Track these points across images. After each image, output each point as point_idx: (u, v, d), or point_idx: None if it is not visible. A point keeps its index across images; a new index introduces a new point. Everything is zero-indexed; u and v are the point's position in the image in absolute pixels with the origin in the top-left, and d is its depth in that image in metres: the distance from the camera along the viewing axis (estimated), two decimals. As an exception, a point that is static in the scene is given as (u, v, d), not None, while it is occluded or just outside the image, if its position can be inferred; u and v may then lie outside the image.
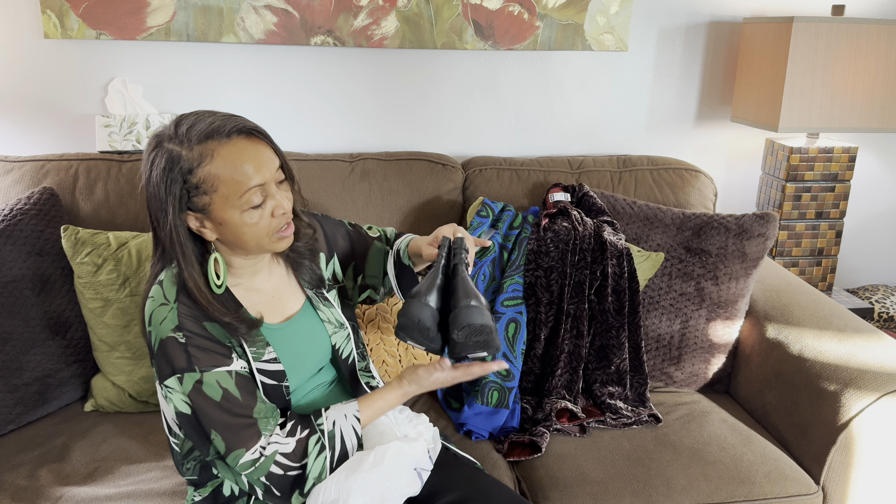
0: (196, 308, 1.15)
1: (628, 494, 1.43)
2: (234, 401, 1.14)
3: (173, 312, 1.14)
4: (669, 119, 2.30)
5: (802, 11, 2.24)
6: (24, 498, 1.36)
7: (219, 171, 1.10)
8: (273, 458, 1.14)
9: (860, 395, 1.48)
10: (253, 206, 1.12)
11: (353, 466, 1.16)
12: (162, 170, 1.09)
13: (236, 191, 1.11)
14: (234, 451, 1.13)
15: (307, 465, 1.15)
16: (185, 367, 1.12)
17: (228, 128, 1.11)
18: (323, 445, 1.17)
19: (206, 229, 1.15)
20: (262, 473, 1.14)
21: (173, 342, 1.12)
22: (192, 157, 1.09)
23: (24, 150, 2.02)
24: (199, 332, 1.14)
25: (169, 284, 1.16)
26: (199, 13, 1.97)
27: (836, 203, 2.23)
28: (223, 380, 1.14)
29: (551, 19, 2.12)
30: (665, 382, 1.83)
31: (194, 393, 1.12)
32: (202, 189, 1.10)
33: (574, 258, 1.75)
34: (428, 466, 1.22)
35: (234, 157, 1.10)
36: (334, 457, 1.17)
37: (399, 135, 2.19)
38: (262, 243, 1.17)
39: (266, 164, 1.13)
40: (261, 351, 1.20)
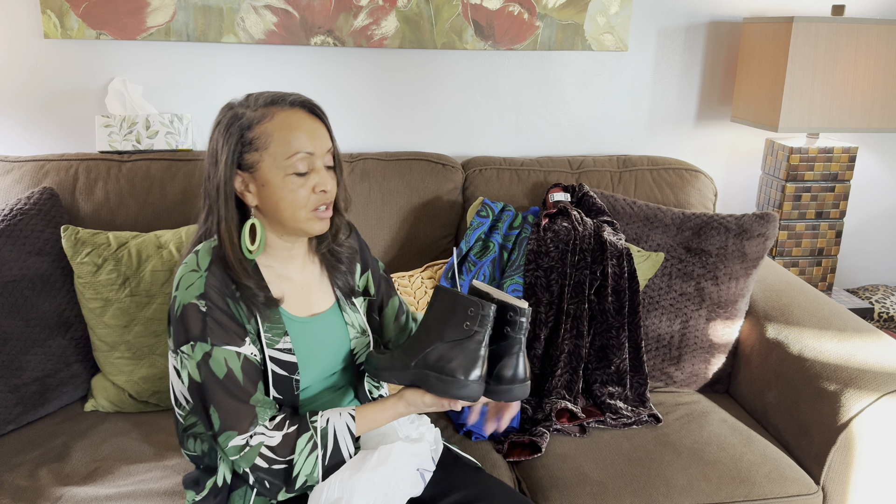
0: (224, 283, 1.16)
1: (628, 494, 1.43)
2: (235, 382, 1.14)
3: (201, 280, 1.15)
4: (669, 119, 2.30)
5: (802, 11, 2.24)
6: (24, 498, 1.36)
7: (273, 130, 1.15)
8: (258, 449, 1.13)
9: (860, 395, 1.48)
10: (297, 171, 1.16)
11: (356, 465, 1.16)
12: (224, 126, 1.16)
13: (285, 151, 1.15)
14: (226, 431, 1.13)
15: (294, 462, 1.14)
16: (199, 336, 1.13)
17: (292, 98, 1.19)
18: (315, 444, 1.15)
19: (250, 193, 1.18)
20: (248, 464, 1.14)
21: (194, 309, 1.14)
22: (254, 116, 1.16)
23: (24, 150, 2.02)
24: (222, 306, 1.15)
25: (204, 254, 1.18)
26: (199, 13, 1.97)
27: (836, 203, 2.23)
28: (230, 359, 1.14)
29: (551, 19, 2.12)
30: (665, 382, 1.83)
31: (202, 363, 1.13)
32: (255, 145, 1.15)
33: (574, 258, 1.75)
34: (430, 467, 1.22)
35: (290, 121, 1.16)
36: (326, 455, 1.15)
37: (399, 135, 2.19)
38: (297, 216, 1.18)
39: (318, 138, 1.18)
40: (276, 338, 1.20)
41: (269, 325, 1.20)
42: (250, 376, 1.16)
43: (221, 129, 1.17)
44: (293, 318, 1.25)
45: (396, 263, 1.95)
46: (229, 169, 1.15)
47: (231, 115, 1.17)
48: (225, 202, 1.16)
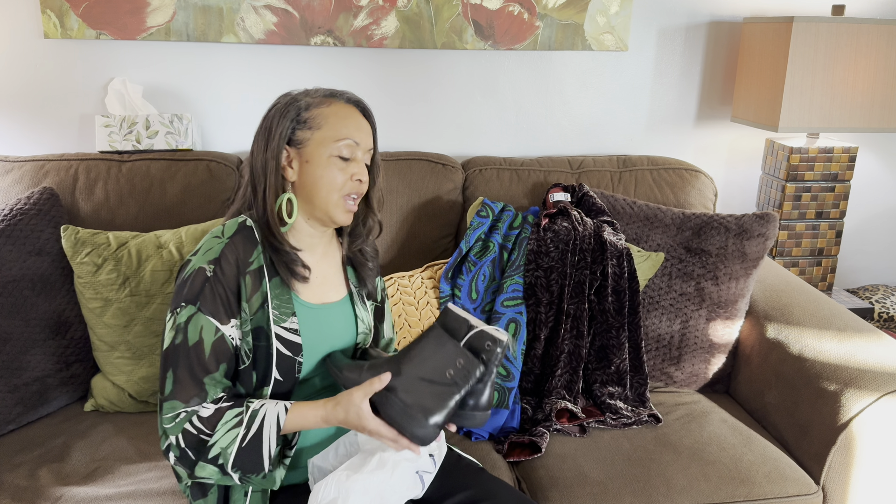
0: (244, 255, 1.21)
1: (628, 494, 1.43)
2: (200, 354, 1.16)
3: (220, 246, 1.20)
4: (669, 119, 2.30)
5: (802, 11, 2.24)
6: (24, 498, 1.36)
7: (330, 114, 1.24)
8: (189, 417, 1.14)
9: (860, 395, 1.48)
10: (341, 155, 1.23)
11: (355, 467, 1.16)
12: (283, 106, 1.25)
13: (334, 134, 1.23)
14: (172, 399, 1.15)
15: (216, 434, 1.14)
16: (191, 299, 1.17)
17: (349, 95, 1.29)
18: (241, 420, 1.15)
19: (291, 169, 1.24)
20: (178, 431, 1.14)
21: (202, 273, 1.18)
22: (312, 101, 1.26)
23: (24, 150, 2.02)
24: (228, 275, 1.19)
25: (231, 225, 1.24)
26: (199, 13, 1.97)
27: (836, 203, 2.23)
28: (207, 330, 1.17)
29: (551, 19, 2.12)
30: (665, 382, 1.83)
31: (184, 324, 1.16)
32: (308, 124, 1.24)
33: (574, 258, 1.75)
34: (431, 470, 1.22)
35: (345, 112, 1.26)
36: (248, 435, 1.14)
37: (399, 135, 2.19)
38: (330, 198, 1.23)
39: (365, 135, 1.27)
40: (284, 317, 1.23)
41: (278, 304, 1.23)
42: (217, 355, 1.18)
43: (279, 108, 1.25)
44: (303, 302, 1.27)
45: (396, 263, 1.95)
46: (281, 142, 1.23)
47: (290, 99, 1.26)
48: (274, 173, 1.23)
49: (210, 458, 1.14)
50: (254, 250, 1.23)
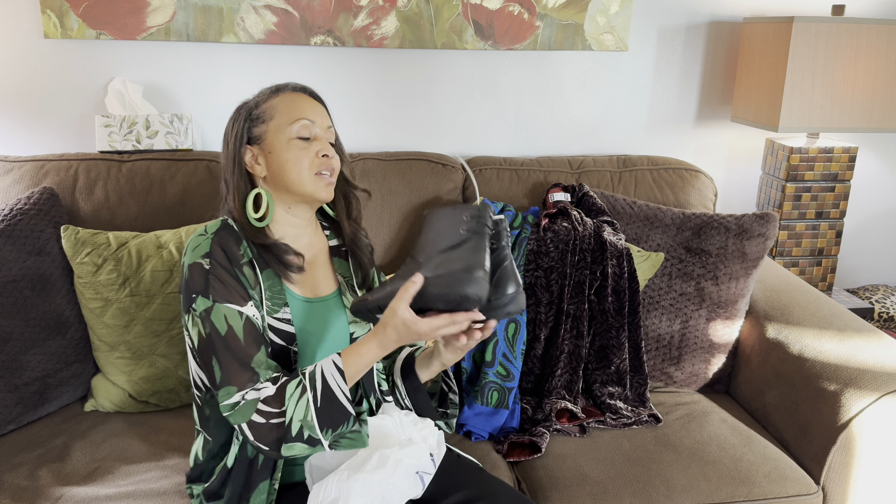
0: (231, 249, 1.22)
1: (628, 494, 1.43)
2: (236, 341, 1.16)
3: (207, 242, 1.21)
4: (669, 119, 2.30)
5: (802, 11, 2.24)
6: (24, 498, 1.36)
7: (279, 103, 1.27)
8: (254, 405, 1.12)
9: (860, 395, 1.48)
10: (300, 136, 1.25)
11: (355, 466, 1.16)
12: (235, 112, 1.30)
13: (289, 118, 1.25)
14: (226, 385, 1.14)
15: (287, 411, 1.12)
16: (201, 291, 1.17)
17: (294, 84, 1.31)
18: (304, 387, 1.13)
19: (258, 165, 1.27)
20: (243, 419, 1.12)
21: (199, 267, 1.18)
22: (261, 98, 1.29)
23: (24, 150, 2.02)
24: (225, 265, 1.20)
25: (212, 224, 1.26)
26: (199, 13, 1.97)
27: (836, 203, 2.23)
28: (231, 317, 1.17)
29: (551, 19, 2.12)
30: (665, 382, 1.83)
31: (205, 317, 1.16)
32: (262, 118, 1.27)
33: (574, 258, 1.75)
34: (430, 470, 1.22)
35: (293, 97, 1.29)
36: (317, 397, 1.12)
37: (399, 135, 2.19)
38: (302, 178, 1.24)
39: (319, 114, 1.29)
40: (276, 307, 1.23)
41: (271, 294, 1.23)
42: (253, 337, 1.18)
43: (232, 116, 1.30)
44: (295, 295, 1.27)
45: (396, 263, 1.95)
46: (239, 142, 1.26)
47: (241, 104, 1.31)
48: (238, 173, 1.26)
49: (295, 436, 1.11)
50: (240, 244, 1.24)
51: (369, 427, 1.24)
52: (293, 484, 1.27)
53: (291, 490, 1.25)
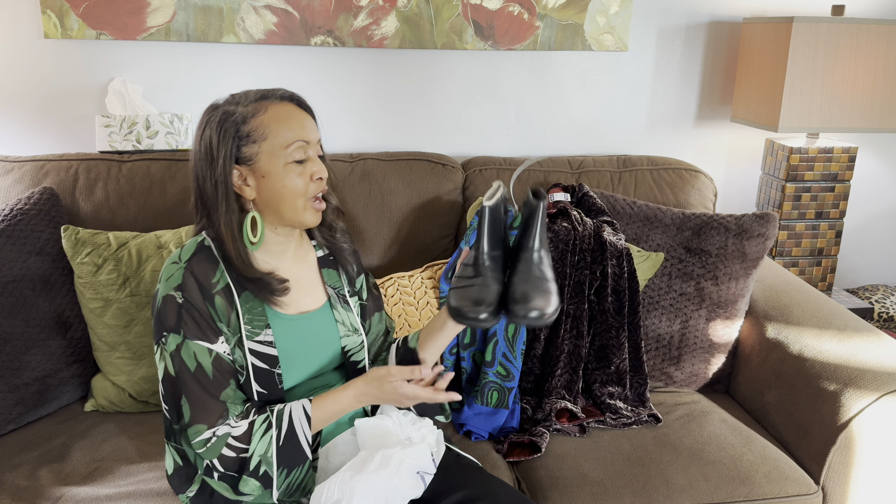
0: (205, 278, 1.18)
1: (628, 494, 1.43)
2: (205, 378, 1.16)
3: (180, 272, 1.18)
4: (669, 119, 2.30)
5: (802, 11, 2.24)
6: (24, 498, 1.36)
7: (270, 121, 1.18)
8: (225, 440, 1.15)
9: (860, 395, 1.48)
10: (296, 160, 1.19)
11: (357, 467, 1.15)
12: (217, 123, 1.18)
13: (284, 141, 1.18)
14: (195, 424, 1.15)
15: (252, 443, 1.15)
16: (173, 327, 1.16)
17: (281, 93, 1.22)
18: (270, 423, 1.16)
19: (248, 186, 1.20)
20: (214, 455, 1.14)
21: (172, 301, 1.16)
22: (247, 111, 1.19)
23: (24, 150, 2.02)
24: (196, 302, 1.17)
25: (188, 248, 1.21)
26: (199, 13, 1.97)
27: (836, 203, 2.23)
28: (200, 354, 1.16)
29: (551, 19, 2.12)
30: (665, 382, 1.83)
31: (175, 354, 1.15)
32: (252, 137, 1.18)
33: (574, 258, 1.75)
34: (431, 470, 1.22)
35: (285, 113, 1.20)
36: (281, 435, 1.15)
37: (399, 135, 2.19)
38: (297, 205, 1.20)
39: (311, 129, 1.22)
40: (257, 330, 1.21)
41: (250, 318, 1.21)
42: (222, 373, 1.17)
43: (213, 127, 1.18)
44: (279, 314, 1.25)
45: (396, 263, 1.95)
46: (228, 164, 1.17)
47: (221, 113, 1.18)
48: (225, 198, 1.18)
49: (252, 471, 1.14)
50: (216, 270, 1.20)
51: (369, 428, 1.24)
52: None
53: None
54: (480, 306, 1.15)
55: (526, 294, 1.16)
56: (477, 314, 1.15)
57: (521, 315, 1.15)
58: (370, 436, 1.23)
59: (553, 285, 1.20)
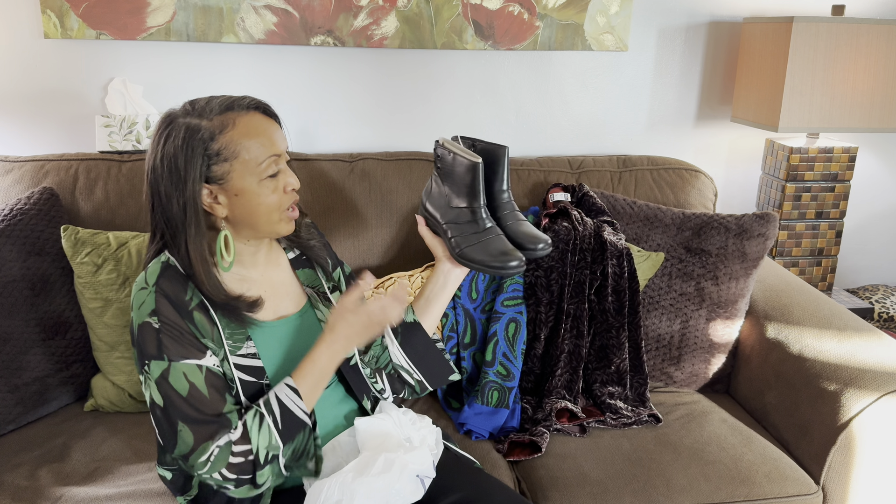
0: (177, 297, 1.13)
1: (628, 494, 1.43)
2: (200, 398, 1.10)
3: (151, 297, 1.12)
4: (669, 119, 2.30)
5: (802, 11, 2.24)
6: (24, 498, 1.36)
7: (240, 137, 1.13)
8: (229, 448, 1.09)
9: (860, 395, 1.48)
10: (270, 174, 1.15)
11: (360, 469, 1.15)
12: (181, 140, 1.11)
13: (257, 157, 1.13)
14: (202, 444, 1.08)
15: (252, 441, 1.10)
16: (155, 354, 1.10)
17: (247, 102, 1.16)
18: (261, 415, 1.11)
19: (219, 204, 1.15)
20: (222, 465, 1.08)
21: (148, 327, 1.11)
22: (213, 125, 1.12)
23: (24, 150, 2.02)
24: (175, 321, 1.12)
25: (153, 270, 1.16)
26: (199, 13, 1.97)
27: (836, 203, 2.23)
28: (191, 373, 1.11)
29: (551, 19, 2.12)
30: (665, 382, 1.83)
31: (161, 380, 1.10)
32: (223, 156, 1.12)
33: (574, 258, 1.75)
34: (431, 473, 1.22)
35: (254, 126, 1.14)
36: (276, 419, 1.11)
37: (399, 135, 2.19)
38: (272, 219, 1.18)
39: (281, 139, 1.18)
40: (238, 344, 1.17)
41: (230, 332, 1.17)
42: (217, 389, 1.13)
43: (177, 143, 1.11)
44: (258, 322, 1.22)
45: (396, 263, 1.95)
46: (198, 185, 1.12)
47: (185, 128, 1.12)
48: (195, 219, 1.13)
49: (263, 462, 1.11)
50: (186, 287, 1.15)
51: (369, 428, 1.24)
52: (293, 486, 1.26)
53: (285, 493, 1.24)
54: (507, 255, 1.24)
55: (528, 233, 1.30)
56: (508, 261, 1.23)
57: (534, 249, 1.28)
58: (370, 436, 1.23)
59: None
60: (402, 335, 1.35)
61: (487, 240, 1.27)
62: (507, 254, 1.24)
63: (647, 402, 1.72)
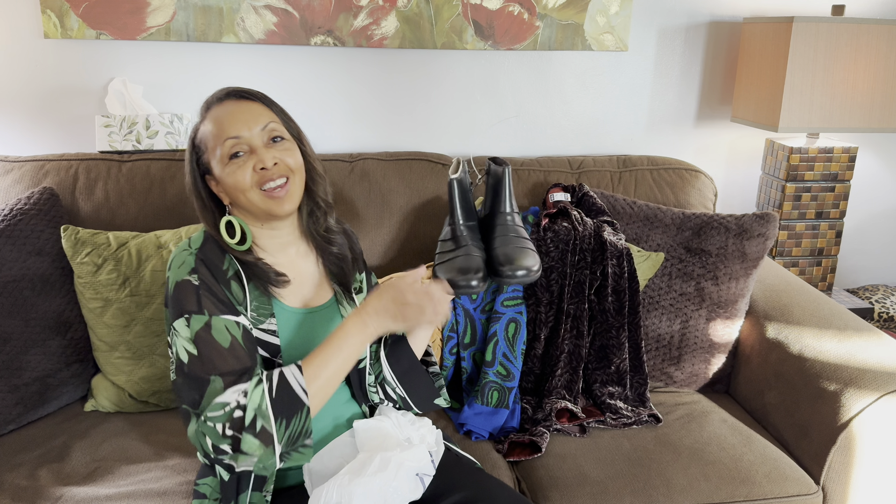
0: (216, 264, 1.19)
1: (628, 494, 1.43)
2: (239, 350, 1.13)
3: (192, 257, 1.18)
4: (669, 119, 2.30)
5: (802, 11, 2.24)
6: (24, 498, 1.36)
7: (206, 129, 1.22)
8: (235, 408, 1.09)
9: (860, 395, 1.48)
10: (230, 155, 1.19)
11: (356, 470, 1.15)
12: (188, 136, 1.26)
13: (216, 143, 1.20)
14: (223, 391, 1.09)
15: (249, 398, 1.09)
16: (195, 309, 1.14)
17: (222, 93, 1.24)
18: (260, 380, 1.12)
19: (221, 193, 1.24)
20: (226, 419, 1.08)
21: (187, 284, 1.15)
22: (198, 122, 1.25)
23: (24, 150, 2.02)
24: (214, 284, 1.17)
25: (197, 237, 1.23)
26: (199, 13, 1.97)
27: (836, 203, 2.23)
28: (232, 328, 1.14)
29: (551, 19, 2.12)
30: (665, 382, 1.83)
31: (202, 333, 1.12)
32: (201, 148, 1.23)
33: (574, 258, 1.75)
34: (430, 472, 1.22)
35: (219, 114, 1.21)
36: (273, 387, 1.11)
37: (399, 135, 2.19)
38: (251, 199, 1.20)
39: (248, 120, 1.21)
40: (262, 318, 1.21)
41: (257, 304, 1.21)
42: (251, 343, 1.17)
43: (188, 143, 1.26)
44: (284, 306, 1.25)
45: (396, 263, 1.95)
46: (195, 175, 1.24)
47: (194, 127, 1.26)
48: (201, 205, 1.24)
49: (248, 426, 1.08)
50: (224, 257, 1.21)
51: (368, 430, 1.24)
52: (292, 486, 1.26)
53: (286, 493, 1.24)
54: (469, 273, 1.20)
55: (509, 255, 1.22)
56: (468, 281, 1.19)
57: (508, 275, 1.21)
58: (369, 437, 1.23)
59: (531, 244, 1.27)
60: (390, 346, 1.36)
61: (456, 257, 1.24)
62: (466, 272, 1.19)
63: (647, 402, 1.72)
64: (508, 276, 1.20)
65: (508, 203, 1.29)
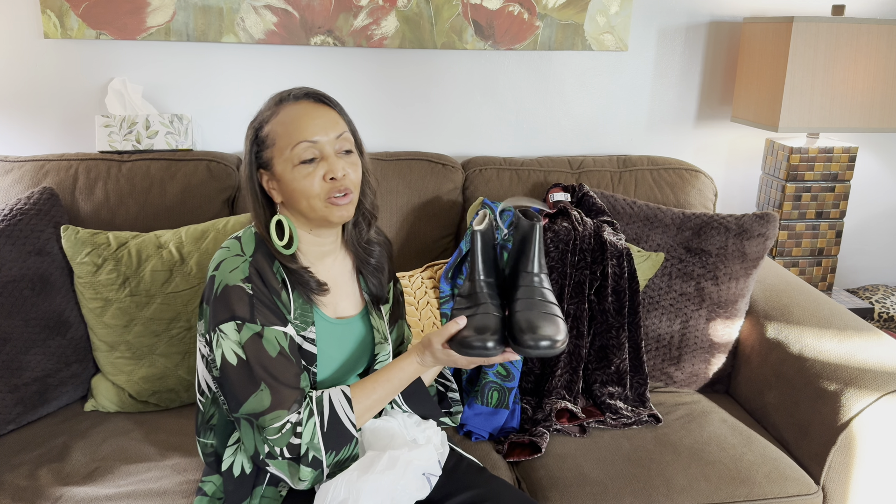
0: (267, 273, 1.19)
1: (628, 494, 1.43)
2: (287, 361, 1.16)
3: (246, 264, 1.17)
4: (669, 119, 2.30)
5: (802, 11, 2.24)
6: (24, 498, 1.36)
7: (277, 125, 1.19)
8: (294, 429, 1.14)
9: (860, 394, 1.48)
10: (302, 160, 1.17)
11: (364, 467, 1.15)
12: (248, 127, 1.23)
13: (288, 143, 1.17)
14: (276, 409, 1.12)
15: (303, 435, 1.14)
16: (248, 317, 1.14)
17: (296, 92, 1.22)
18: (311, 411, 1.15)
19: (274, 190, 1.22)
20: (284, 443, 1.13)
21: (240, 291, 1.15)
22: (264, 116, 1.21)
23: (24, 150, 2.02)
24: (265, 294, 1.17)
25: (248, 240, 1.21)
26: (199, 13, 1.97)
27: (836, 203, 2.23)
28: (280, 338, 1.16)
29: (551, 19, 2.12)
30: (665, 382, 1.83)
31: (252, 343, 1.14)
32: (266, 143, 1.20)
33: (574, 258, 1.75)
34: (437, 472, 1.22)
35: (294, 113, 1.19)
36: (324, 421, 1.15)
37: (399, 135, 2.19)
38: (313, 206, 1.18)
39: (325, 126, 1.19)
40: (304, 325, 1.22)
41: (300, 313, 1.22)
42: (297, 356, 1.19)
43: (246, 134, 1.24)
44: (322, 316, 1.26)
45: (396, 264, 1.94)
46: (252, 168, 1.22)
47: (253, 119, 1.24)
48: (255, 200, 1.23)
49: (302, 458, 1.13)
50: (273, 264, 1.21)
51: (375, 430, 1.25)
52: None
53: (295, 490, 1.25)
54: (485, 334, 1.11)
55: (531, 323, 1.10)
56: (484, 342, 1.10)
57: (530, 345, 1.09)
58: (376, 437, 1.24)
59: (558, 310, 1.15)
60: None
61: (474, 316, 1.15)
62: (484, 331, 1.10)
63: (647, 402, 1.72)
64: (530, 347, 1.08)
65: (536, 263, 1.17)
